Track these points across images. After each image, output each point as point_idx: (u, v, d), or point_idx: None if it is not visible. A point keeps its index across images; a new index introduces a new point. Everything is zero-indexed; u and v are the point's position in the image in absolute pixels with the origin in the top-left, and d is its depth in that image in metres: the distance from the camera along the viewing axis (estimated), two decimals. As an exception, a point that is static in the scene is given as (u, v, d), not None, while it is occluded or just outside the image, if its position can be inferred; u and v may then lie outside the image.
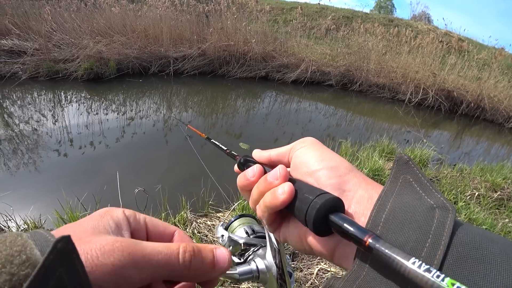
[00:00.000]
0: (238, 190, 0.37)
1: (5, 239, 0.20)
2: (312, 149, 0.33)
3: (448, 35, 11.87)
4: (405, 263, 0.19)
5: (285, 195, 0.28)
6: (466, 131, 6.63)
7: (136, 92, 5.47)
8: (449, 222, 0.22)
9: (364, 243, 0.22)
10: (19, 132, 3.58)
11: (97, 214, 0.26)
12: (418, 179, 0.26)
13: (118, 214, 0.27)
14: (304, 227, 0.29)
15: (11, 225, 1.88)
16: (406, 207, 0.24)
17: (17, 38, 5.53)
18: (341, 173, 0.30)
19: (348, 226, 0.24)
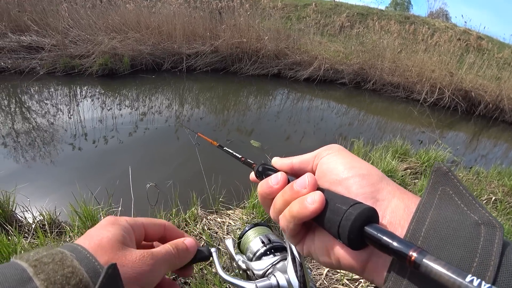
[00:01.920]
0: (258, 199, 0.36)
1: (53, 257, 0.24)
2: (340, 156, 0.31)
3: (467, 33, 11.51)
4: (462, 281, 0.17)
5: (315, 205, 0.26)
6: (483, 133, 6.43)
7: (149, 88, 5.53)
8: (497, 240, 0.20)
9: (410, 258, 0.20)
10: (36, 126, 3.67)
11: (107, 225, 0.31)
12: (459, 192, 0.24)
13: (126, 224, 0.32)
14: (332, 240, 0.27)
15: (27, 216, 1.93)
16: (448, 222, 0.22)
17: (36, 34, 5.68)
18: (373, 181, 0.28)
19: (389, 239, 0.22)
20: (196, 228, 1.96)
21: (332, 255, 0.28)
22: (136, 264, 0.28)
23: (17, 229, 1.72)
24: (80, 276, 0.23)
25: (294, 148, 3.87)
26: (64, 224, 1.93)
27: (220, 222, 2.10)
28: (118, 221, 0.32)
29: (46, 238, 1.70)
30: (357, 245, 0.24)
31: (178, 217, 2.05)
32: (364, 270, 0.26)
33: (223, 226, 2.06)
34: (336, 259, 0.28)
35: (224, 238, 1.96)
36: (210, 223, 2.07)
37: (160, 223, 0.37)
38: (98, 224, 0.31)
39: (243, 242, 0.50)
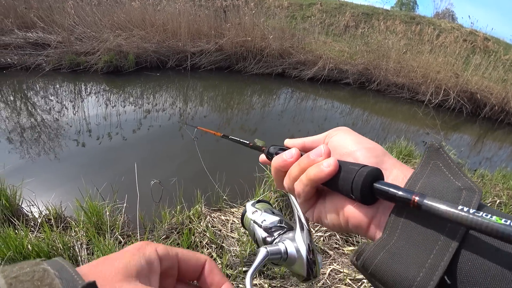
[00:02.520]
0: (271, 173, 0.38)
1: (33, 275, 0.21)
2: (348, 134, 0.36)
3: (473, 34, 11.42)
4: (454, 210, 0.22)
5: (330, 168, 0.30)
6: (488, 135, 6.38)
7: (154, 86, 5.55)
8: (474, 201, 0.24)
9: (413, 201, 0.24)
10: (42, 121, 3.70)
11: (131, 251, 0.26)
12: (447, 164, 0.28)
13: (151, 253, 0.27)
14: (342, 200, 0.31)
15: (33, 210, 1.95)
16: (434, 188, 0.26)
17: (42, 31, 5.71)
18: (378, 154, 0.32)
19: (394, 190, 0.26)
20: (200, 226, 1.97)
21: (341, 215, 0.31)
22: None
23: (24, 223, 1.74)
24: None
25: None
26: (70, 219, 1.94)
27: (224, 220, 2.11)
28: (144, 249, 0.27)
29: (52, 233, 1.72)
30: (367, 200, 0.28)
31: (182, 214, 2.06)
32: (369, 226, 0.29)
33: (227, 224, 2.07)
34: (345, 219, 0.31)
35: (227, 236, 1.96)
36: (214, 221, 2.08)
37: (200, 258, 0.30)
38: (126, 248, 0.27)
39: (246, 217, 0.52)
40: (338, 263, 1.87)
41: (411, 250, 0.25)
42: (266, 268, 1.72)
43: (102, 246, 1.60)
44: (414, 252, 0.24)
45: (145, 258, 0.26)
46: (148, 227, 2.00)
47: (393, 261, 0.25)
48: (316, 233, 2.07)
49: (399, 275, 0.24)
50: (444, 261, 0.22)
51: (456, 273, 0.22)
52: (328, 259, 1.92)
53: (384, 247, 0.26)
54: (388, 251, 0.25)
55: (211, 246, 1.86)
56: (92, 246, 1.70)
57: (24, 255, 1.49)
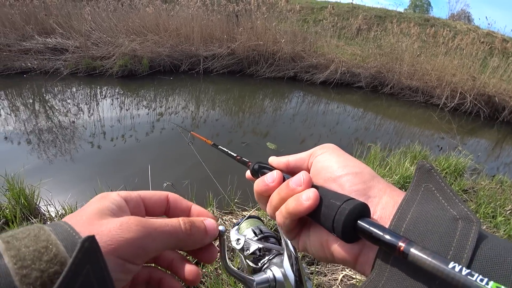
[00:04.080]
0: (254, 196, 0.36)
1: (29, 232, 0.21)
2: (335, 154, 0.33)
3: (491, 35, 11.13)
4: (445, 268, 0.19)
5: (310, 201, 0.28)
6: (507, 140, 6.17)
7: (167, 89, 5.64)
8: (472, 234, 0.21)
9: (399, 249, 0.22)
10: (59, 124, 3.81)
11: (96, 199, 0.28)
12: (440, 188, 0.26)
13: (115, 197, 0.28)
14: (326, 234, 0.29)
15: (50, 210, 2.00)
16: (427, 217, 0.24)
17: (60, 36, 5.91)
18: (365, 179, 0.30)
19: (379, 232, 0.24)
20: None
21: (326, 249, 0.29)
22: (115, 231, 0.24)
23: (42, 221, 1.78)
24: (55, 251, 0.20)
25: (309, 151, 3.84)
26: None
27: (235, 223, 2.10)
28: (107, 195, 0.28)
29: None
30: (350, 238, 0.26)
31: (194, 216, 2.07)
32: (356, 262, 0.28)
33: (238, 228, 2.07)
34: (330, 253, 0.29)
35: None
36: (226, 224, 2.08)
37: (161, 195, 0.32)
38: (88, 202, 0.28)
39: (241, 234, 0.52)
40: (350, 269, 1.84)
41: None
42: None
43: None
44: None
45: (111, 201, 0.27)
46: (160, 228, 2.02)
47: None
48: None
49: None
50: None
51: None
52: (340, 266, 1.88)
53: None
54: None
55: (222, 248, 1.86)
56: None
57: (41, 254, 1.53)
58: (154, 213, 0.32)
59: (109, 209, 0.26)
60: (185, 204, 0.34)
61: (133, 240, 0.24)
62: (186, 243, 0.29)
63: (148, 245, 0.25)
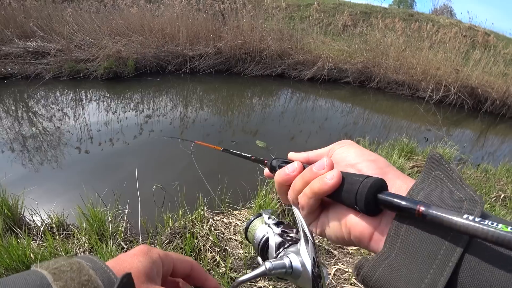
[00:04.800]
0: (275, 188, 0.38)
1: (71, 266, 0.24)
2: (352, 147, 0.36)
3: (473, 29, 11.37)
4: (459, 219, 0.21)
5: (334, 180, 0.30)
6: (490, 130, 6.34)
7: (154, 91, 5.56)
8: (476, 213, 0.23)
9: (418, 211, 0.24)
10: (43, 130, 3.72)
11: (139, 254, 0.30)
12: (449, 175, 0.28)
13: (156, 258, 0.31)
14: (346, 211, 0.31)
15: (36, 219, 1.95)
16: (435, 199, 0.26)
17: (41, 40, 5.75)
18: (381, 166, 0.32)
19: (399, 200, 0.26)
20: (203, 229, 1.96)
21: (343, 226, 0.31)
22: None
23: (26, 232, 1.74)
24: (95, 284, 0.23)
25: (299, 148, 3.80)
26: (72, 226, 1.94)
27: (226, 223, 2.10)
28: (150, 253, 0.31)
29: (54, 241, 1.71)
30: (371, 210, 0.28)
31: (184, 218, 2.06)
32: (372, 237, 0.29)
33: (229, 227, 2.06)
34: (347, 229, 0.31)
35: (230, 239, 1.95)
36: (217, 224, 2.07)
37: (188, 261, 0.36)
38: (130, 251, 0.31)
39: (250, 230, 0.51)
40: (343, 263, 1.86)
41: (410, 265, 0.24)
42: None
43: (105, 253, 1.60)
44: (413, 267, 0.24)
45: (152, 261, 0.30)
46: (151, 232, 2.00)
47: (392, 276, 0.25)
48: (320, 233, 2.05)
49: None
50: (444, 276, 0.22)
51: None
52: (333, 259, 1.90)
53: (383, 261, 0.26)
54: (388, 266, 0.25)
55: (214, 249, 1.85)
56: (94, 253, 1.69)
57: (26, 264, 1.49)
58: (177, 275, 0.36)
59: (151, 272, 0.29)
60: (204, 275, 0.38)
61: None
62: None
63: None
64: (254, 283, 1.63)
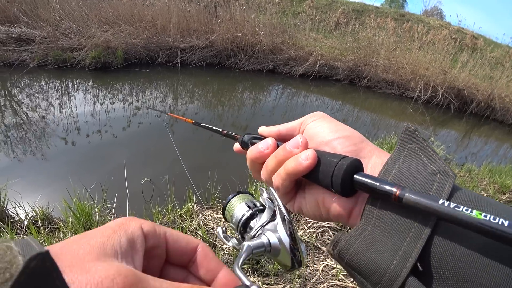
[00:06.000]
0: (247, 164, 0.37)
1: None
2: (325, 121, 0.35)
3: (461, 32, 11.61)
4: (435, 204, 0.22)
5: (309, 161, 0.29)
6: (474, 131, 6.53)
7: (143, 82, 5.46)
8: (447, 186, 0.24)
9: (395, 194, 0.24)
10: (27, 120, 3.60)
11: (111, 227, 0.23)
12: (423, 148, 0.28)
13: (135, 229, 0.23)
14: (322, 192, 0.30)
15: (19, 212, 1.89)
16: (410, 172, 0.26)
17: (26, 26, 5.52)
18: (356, 142, 0.32)
19: (375, 182, 0.26)
20: (192, 224, 1.95)
21: (321, 207, 0.31)
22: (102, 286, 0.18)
23: (9, 225, 1.68)
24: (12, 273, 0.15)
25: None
26: (58, 220, 1.89)
27: (216, 218, 2.09)
28: (126, 225, 0.23)
29: (39, 235, 1.67)
30: (347, 192, 0.28)
31: (174, 213, 2.04)
32: (350, 216, 0.29)
33: (219, 222, 2.05)
34: (325, 210, 0.31)
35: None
36: (206, 219, 2.06)
37: (191, 241, 0.27)
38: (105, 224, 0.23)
39: (227, 210, 0.51)
40: (331, 259, 1.89)
41: (385, 238, 0.24)
42: (259, 265, 1.72)
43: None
44: (388, 240, 0.24)
45: (127, 235, 0.22)
46: (139, 226, 1.97)
47: (368, 249, 0.25)
48: (309, 229, 2.07)
49: (373, 263, 0.24)
50: (417, 248, 0.22)
51: (429, 259, 0.22)
52: (321, 255, 1.93)
53: (360, 236, 0.26)
54: (364, 240, 0.25)
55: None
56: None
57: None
58: (175, 261, 0.27)
59: (114, 245, 0.21)
60: (214, 264, 0.27)
61: None
62: None
63: None
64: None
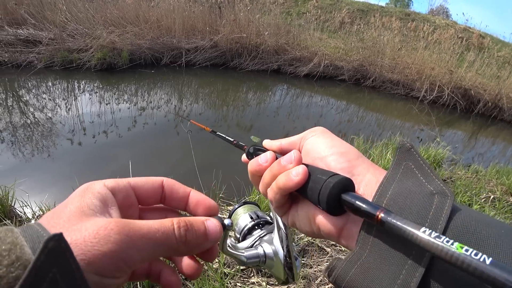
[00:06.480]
0: (249, 177, 0.38)
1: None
2: (322, 137, 0.35)
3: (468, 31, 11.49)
4: (416, 232, 0.21)
5: (299, 177, 0.29)
6: (481, 131, 6.45)
7: (148, 83, 5.49)
8: (446, 207, 0.23)
9: (377, 217, 0.23)
10: (34, 120, 3.64)
11: (78, 193, 0.25)
12: (419, 166, 0.27)
13: (100, 189, 0.25)
14: (313, 209, 0.30)
15: (27, 211, 1.92)
16: (406, 193, 0.25)
17: (33, 27, 5.60)
18: (350, 158, 0.31)
19: (360, 203, 0.25)
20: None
21: (313, 223, 0.31)
22: (90, 241, 0.20)
23: (17, 224, 1.71)
24: (18, 254, 0.18)
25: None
26: (64, 219, 1.91)
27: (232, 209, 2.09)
28: (91, 187, 0.25)
29: (46, 234, 1.69)
30: (334, 211, 0.28)
31: (178, 213, 2.05)
32: (340, 235, 0.29)
33: (223, 223, 2.06)
34: (316, 227, 0.30)
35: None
36: (211, 219, 2.06)
37: (155, 182, 0.30)
38: (71, 195, 0.25)
39: (232, 219, 0.51)
40: (335, 260, 1.88)
41: (383, 265, 0.24)
42: (264, 266, 1.71)
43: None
44: (386, 267, 0.24)
45: (94, 195, 0.24)
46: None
47: (365, 277, 0.24)
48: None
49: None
50: (416, 277, 0.22)
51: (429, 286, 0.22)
52: (326, 256, 1.92)
53: (355, 262, 0.25)
54: (360, 267, 0.25)
55: (208, 245, 1.85)
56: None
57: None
58: (148, 203, 0.30)
59: (91, 207, 0.23)
60: (182, 190, 0.31)
61: (113, 253, 0.20)
62: (180, 250, 0.25)
63: (132, 257, 0.21)
64: (247, 279, 1.63)
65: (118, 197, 0.26)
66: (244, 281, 1.62)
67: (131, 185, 0.28)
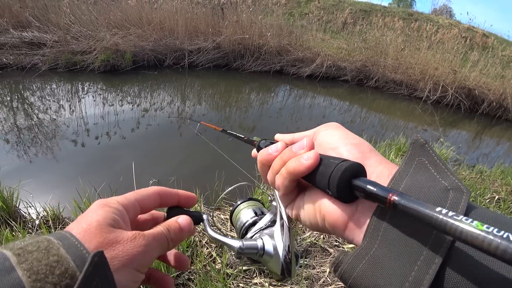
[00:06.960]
0: (257, 168, 0.37)
1: (38, 245, 0.22)
2: (336, 130, 0.35)
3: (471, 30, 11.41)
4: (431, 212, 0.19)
5: (310, 161, 0.28)
6: (486, 131, 6.40)
7: (151, 84, 5.52)
8: (462, 203, 0.22)
9: (389, 200, 0.22)
10: (39, 122, 3.68)
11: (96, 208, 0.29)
12: (433, 162, 0.26)
13: (117, 206, 0.30)
14: (321, 197, 0.29)
15: (31, 212, 1.93)
16: (420, 187, 0.24)
17: (37, 30, 5.66)
18: (363, 150, 0.31)
19: (372, 187, 0.24)
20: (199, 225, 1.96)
21: (318, 212, 0.30)
22: (128, 246, 0.26)
23: (21, 225, 1.72)
24: (66, 265, 0.22)
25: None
26: (68, 220, 1.93)
27: (223, 219, 2.10)
28: (108, 204, 0.30)
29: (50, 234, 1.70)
30: (344, 197, 0.26)
31: (181, 213, 2.05)
32: (346, 227, 0.28)
33: (226, 223, 2.06)
34: (321, 216, 0.29)
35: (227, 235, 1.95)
36: (213, 220, 2.07)
37: (153, 192, 0.35)
38: (88, 209, 0.29)
39: (235, 214, 0.51)
40: (338, 261, 1.87)
41: (393, 261, 0.22)
42: (266, 267, 1.71)
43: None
44: (396, 263, 0.22)
45: (113, 212, 0.29)
46: (147, 227, 1.99)
47: (373, 273, 0.23)
48: (316, 231, 2.06)
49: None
50: (429, 274, 0.20)
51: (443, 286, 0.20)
52: (328, 257, 1.91)
53: (363, 257, 0.24)
54: (368, 262, 0.24)
55: (210, 245, 1.85)
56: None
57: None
58: (149, 210, 0.36)
59: (111, 220, 0.28)
60: (173, 193, 0.38)
61: (143, 252, 0.27)
62: (169, 246, 0.32)
63: (152, 255, 0.29)
64: (250, 279, 1.63)
65: (130, 214, 0.32)
66: (247, 282, 1.62)
67: (137, 201, 0.33)
